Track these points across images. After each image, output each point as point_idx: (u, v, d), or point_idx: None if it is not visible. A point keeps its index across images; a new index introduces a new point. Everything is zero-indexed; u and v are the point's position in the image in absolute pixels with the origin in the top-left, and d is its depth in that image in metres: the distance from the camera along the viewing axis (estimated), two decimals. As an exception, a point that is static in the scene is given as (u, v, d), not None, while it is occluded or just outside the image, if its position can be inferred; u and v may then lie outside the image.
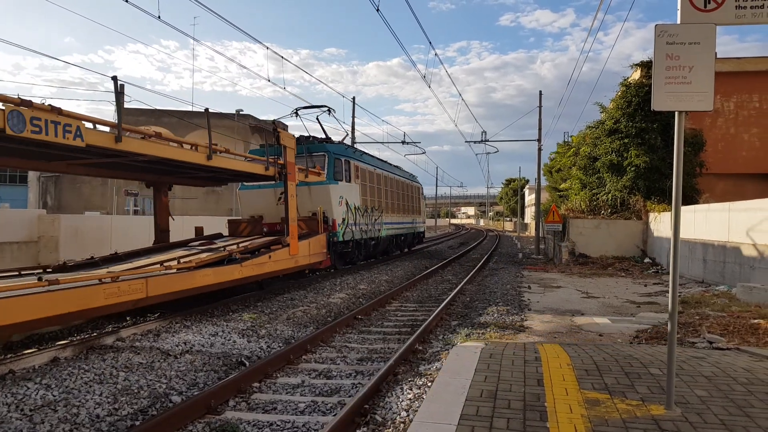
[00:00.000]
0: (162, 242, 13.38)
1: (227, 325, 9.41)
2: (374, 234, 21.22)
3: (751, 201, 12.57)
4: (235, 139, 37.21)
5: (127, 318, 9.79)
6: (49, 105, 7.46)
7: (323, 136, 19.47)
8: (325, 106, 19.11)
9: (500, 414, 4.45)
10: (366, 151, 22.34)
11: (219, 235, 15.70)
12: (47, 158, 9.87)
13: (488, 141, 34.37)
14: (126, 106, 37.29)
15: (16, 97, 6.91)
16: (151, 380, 6.43)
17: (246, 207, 17.40)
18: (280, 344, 8.54)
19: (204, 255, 11.04)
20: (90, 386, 6.11)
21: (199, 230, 15.26)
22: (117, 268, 10.00)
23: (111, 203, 32.56)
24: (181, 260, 10.29)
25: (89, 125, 8.13)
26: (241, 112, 41.60)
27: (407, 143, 38.90)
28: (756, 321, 8.54)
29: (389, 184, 24.07)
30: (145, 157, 9.52)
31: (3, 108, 6.68)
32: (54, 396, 5.77)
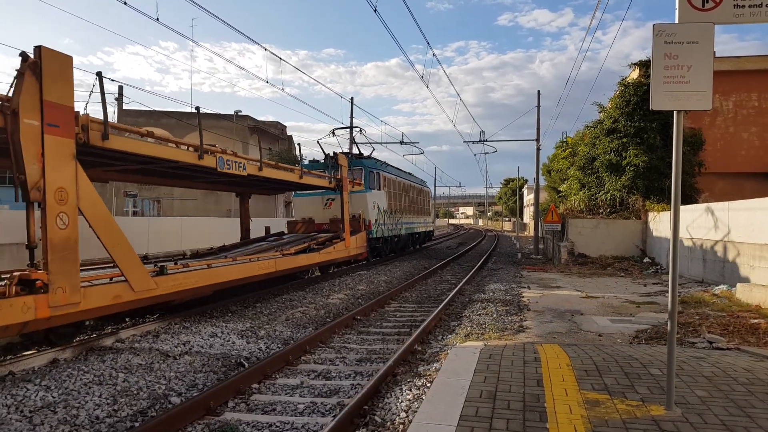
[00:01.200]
0: (246, 239, 16.96)
1: (226, 326, 9.40)
2: (397, 232, 25.10)
3: (751, 200, 12.57)
4: (234, 140, 37.20)
5: (126, 319, 9.78)
6: (233, 151, 11.58)
7: (357, 152, 24.12)
8: (357, 127, 25.53)
9: (500, 415, 4.44)
10: (384, 161, 26.04)
11: (282, 233, 19.20)
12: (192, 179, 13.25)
13: (487, 141, 34.39)
14: (125, 107, 37.26)
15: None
16: (150, 381, 6.42)
17: (299, 210, 21.61)
18: (279, 345, 8.53)
19: (296, 246, 15.16)
20: (89, 387, 6.10)
21: (267, 229, 18.72)
22: (240, 255, 13.47)
23: (110, 204, 32.55)
24: (283, 249, 14.43)
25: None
26: (239, 113, 41.59)
27: (406, 143, 38.92)
28: (756, 321, 8.54)
29: (407, 189, 27.98)
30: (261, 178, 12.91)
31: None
32: (54, 397, 5.76)
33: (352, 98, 36.21)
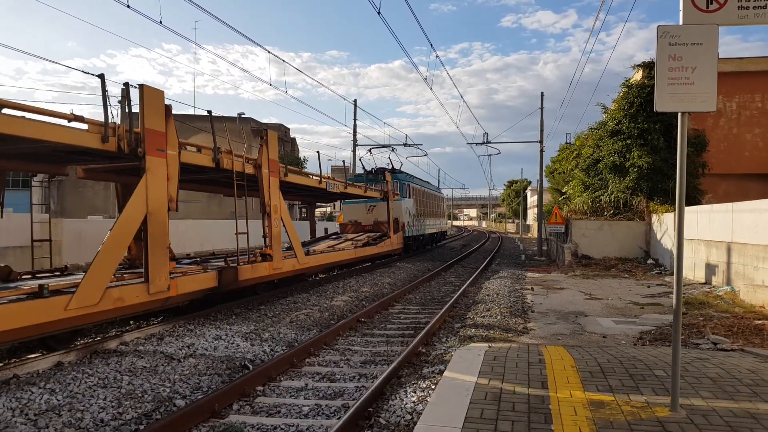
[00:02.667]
0: (313, 237, 21.16)
1: (230, 329, 9.41)
2: (422, 232, 30.27)
3: (754, 201, 12.53)
4: (238, 142, 37.24)
5: (131, 322, 9.80)
6: (330, 176, 15.95)
7: (390, 166, 28.23)
8: (391, 146, 31.65)
9: (505, 416, 4.44)
10: (409, 173, 30.64)
11: (337, 233, 24.02)
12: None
13: (490, 143, 34.37)
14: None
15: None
16: (155, 384, 6.43)
17: (347, 214, 25.60)
18: (284, 347, 8.54)
19: (362, 241, 20.64)
20: (94, 390, 6.11)
21: (326, 229, 24.77)
22: (320, 246, 18.12)
23: (113, 208, 32.62)
24: (354, 242, 20.13)
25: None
26: (242, 116, 41.64)
27: (409, 145, 38.95)
28: (760, 322, 8.52)
29: (427, 197, 32.96)
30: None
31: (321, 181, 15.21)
32: (58, 400, 5.77)
33: (355, 100, 36.28)
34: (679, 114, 4.50)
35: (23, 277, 9.27)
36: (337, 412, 5.68)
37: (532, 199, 76.47)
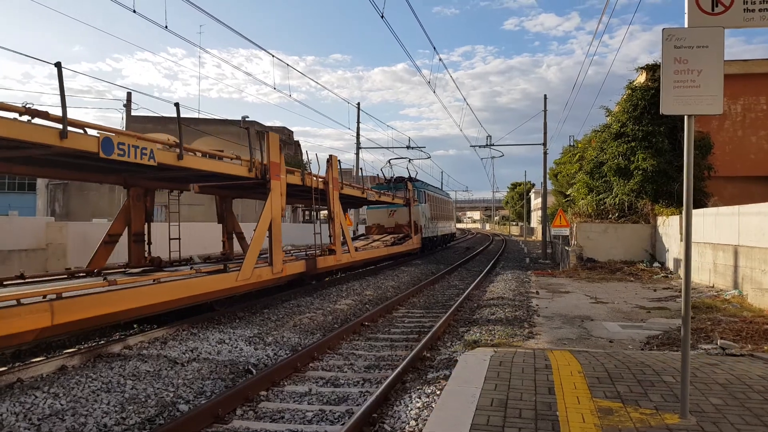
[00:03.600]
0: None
1: (234, 332, 9.38)
2: (435, 234, 34.08)
3: (761, 204, 12.45)
4: (241, 145, 37.27)
5: (134, 326, 9.78)
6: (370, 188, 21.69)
7: (407, 175, 31.37)
8: (408, 158, 35.04)
9: (511, 423, 4.38)
10: (425, 181, 34.80)
11: (363, 234, 28.34)
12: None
13: (493, 145, 34.35)
14: (134, 113, 37.44)
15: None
16: (158, 389, 6.40)
17: (371, 218, 29.16)
18: (287, 352, 8.50)
19: (389, 242, 24.23)
20: (97, 395, 6.08)
21: (354, 232, 28.01)
22: (357, 245, 21.11)
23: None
24: (383, 242, 23.82)
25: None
26: (246, 119, 41.70)
27: (412, 148, 38.95)
28: (768, 326, 8.44)
29: (439, 201, 36.83)
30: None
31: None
32: (62, 405, 5.75)
33: (358, 104, 36.34)
34: (686, 117, 4.46)
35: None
36: (341, 417, 5.63)
37: (535, 202, 76.32)
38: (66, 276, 10.25)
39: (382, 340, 9.43)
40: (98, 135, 7.98)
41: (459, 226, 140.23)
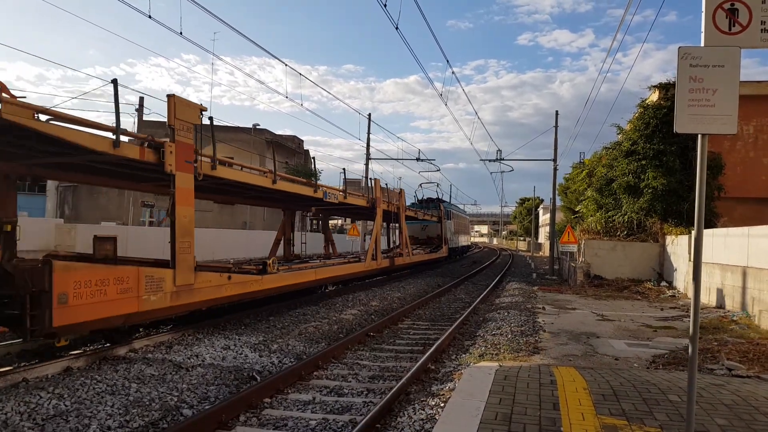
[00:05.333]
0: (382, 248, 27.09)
1: (239, 339, 9.39)
2: (457, 245, 41.33)
3: (771, 226, 12.37)
4: (251, 153, 37.44)
5: (140, 329, 9.81)
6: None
7: (435, 196, 38.70)
8: (436, 182, 41.15)
9: (515, 438, 4.36)
10: (448, 200, 43.12)
11: (398, 245, 30.87)
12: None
13: (503, 160, 34.30)
14: (145, 118, 37.73)
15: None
16: (162, 393, 6.41)
17: (407, 231, 32.12)
18: (292, 359, 8.49)
19: (426, 250, 31.10)
20: (102, 397, 6.10)
21: (392, 242, 32.67)
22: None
23: (127, 214, 32.82)
24: (422, 250, 30.58)
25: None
26: (257, 126, 41.89)
27: (422, 160, 39.03)
28: (777, 349, 8.35)
29: (459, 218, 44.43)
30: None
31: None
32: (66, 406, 5.77)
33: (369, 114, 36.50)
34: (699, 136, 4.45)
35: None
36: (344, 427, 5.62)
37: (544, 218, 76.05)
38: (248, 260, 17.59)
39: (387, 351, 9.41)
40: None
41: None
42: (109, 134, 7.79)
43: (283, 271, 12.81)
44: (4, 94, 6.25)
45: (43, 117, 6.82)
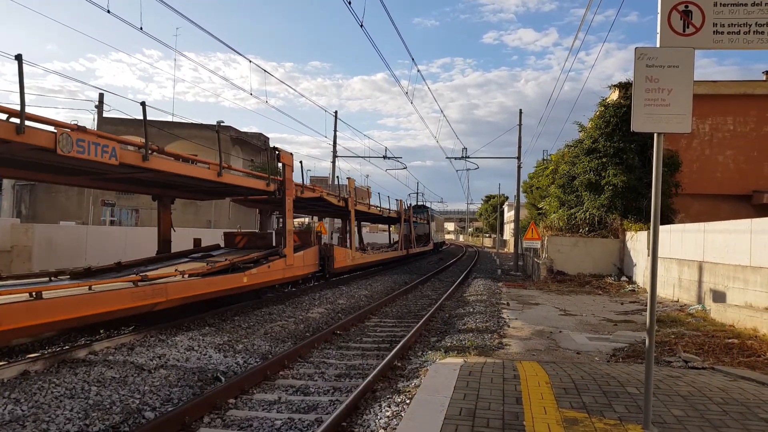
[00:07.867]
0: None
1: (203, 339, 9.27)
2: (437, 241, 52.37)
3: (725, 222, 12.79)
4: (216, 150, 36.92)
5: (101, 331, 9.60)
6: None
7: (421, 203, 54.92)
8: (421, 193, 60.79)
9: (479, 433, 4.41)
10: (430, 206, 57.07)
11: (397, 242, 36.25)
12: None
13: (469, 158, 34.66)
14: (105, 115, 36.87)
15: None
16: (124, 395, 6.29)
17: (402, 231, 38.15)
18: (257, 359, 8.42)
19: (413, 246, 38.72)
20: (60, 401, 5.96)
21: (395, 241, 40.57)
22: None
23: (87, 213, 32.02)
24: (410, 250, 36.11)
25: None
26: (222, 124, 41.34)
27: (389, 158, 39.08)
28: (730, 340, 8.65)
29: (436, 220, 54.29)
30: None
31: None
32: (23, 411, 5.62)
33: (336, 112, 36.37)
34: (655, 135, 4.57)
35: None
36: (310, 426, 5.60)
37: (509, 215, 77.02)
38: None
39: (354, 349, 9.42)
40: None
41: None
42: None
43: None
44: None
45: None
